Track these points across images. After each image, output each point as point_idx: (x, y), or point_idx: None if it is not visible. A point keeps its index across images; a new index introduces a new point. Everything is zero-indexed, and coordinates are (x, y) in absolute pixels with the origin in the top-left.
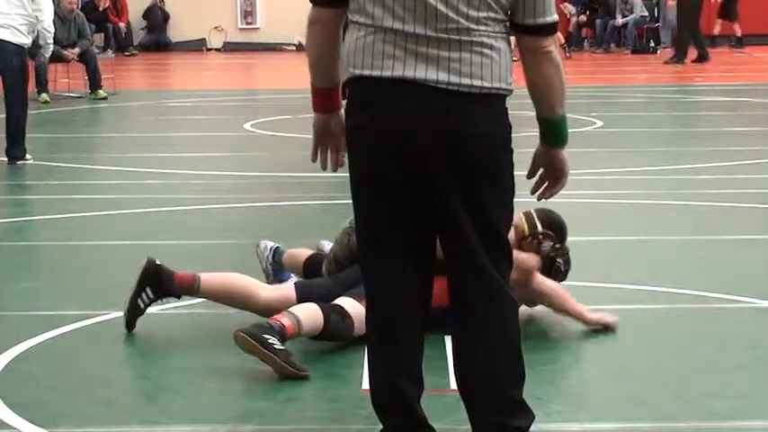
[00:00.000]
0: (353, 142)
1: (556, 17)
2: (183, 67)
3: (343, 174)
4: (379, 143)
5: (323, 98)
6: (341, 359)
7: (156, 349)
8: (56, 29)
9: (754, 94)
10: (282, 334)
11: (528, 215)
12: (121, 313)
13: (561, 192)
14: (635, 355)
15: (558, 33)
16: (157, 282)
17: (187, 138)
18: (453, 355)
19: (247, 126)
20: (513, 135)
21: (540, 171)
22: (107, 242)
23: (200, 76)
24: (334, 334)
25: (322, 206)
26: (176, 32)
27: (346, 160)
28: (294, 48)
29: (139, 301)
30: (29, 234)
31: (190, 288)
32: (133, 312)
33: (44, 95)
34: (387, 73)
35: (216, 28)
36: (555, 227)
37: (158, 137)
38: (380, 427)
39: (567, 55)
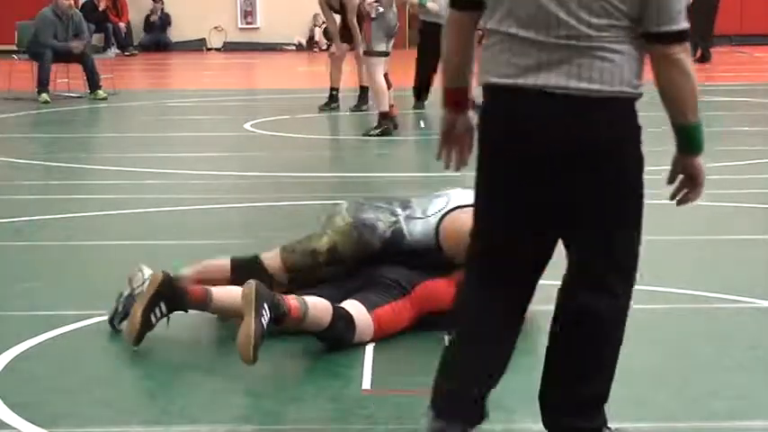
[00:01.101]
0: (480, 144)
1: (684, 25)
2: (183, 67)
3: (343, 174)
4: (501, 146)
5: (451, 97)
6: (342, 359)
7: (156, 349)
8: (54, 27)
9: (754, 94)
10: (283, 315)
11: None
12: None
13: None
14: (635, 355)
15: None
16: (171, 299)
17: (187, 138)
18: (552, 352)
19: (247, 126)
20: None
21: (680, 177)
22: (107, 242)
23: (200, 76)
24: (332, 337)
25: (322, 206)
26: (176, 32)
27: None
28: (294, 48)
29: (152, 315)
30: (29, 234)
31: (203, 305)
32: (145, 327)
33: (44, 95)
34: (509, 81)
35: (216, 28)
36: None
37: (158, 137)
38: (382, 426)
39: None
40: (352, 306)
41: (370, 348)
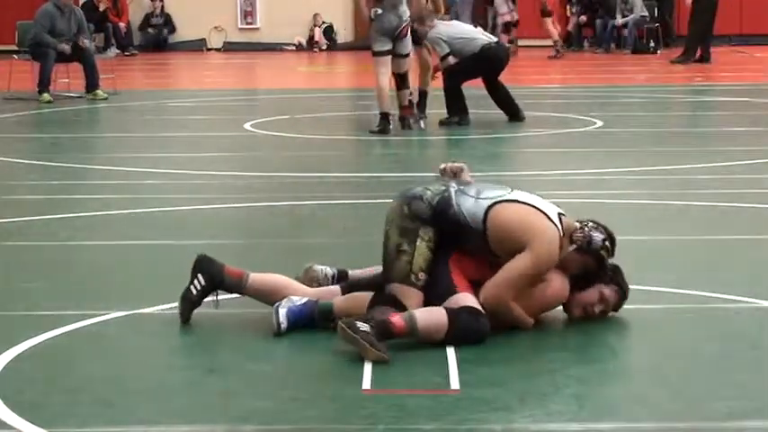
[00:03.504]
0: None
1: None
2: (183, 67)
3: (343, 174)
4: None
5: None
6: (342, 359)
7: (156, 349)
8: (54, 21)
9: (755, 94)
10: (383, 327)
11: (580, 220)
12: (122, 313)
13: (561, 192)
14: (635, 355)
15: (552, 29)
16: (209, 269)
17: (187, 138)
18: None
19: (247, 126)
20: (512, 135)
21: None
22: (107, 242)
23: (200, 76)
24: (462, 337)
25: (322, 206)
26: (176, 32)
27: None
28: (294, 48)
29: (192, 288)
30: (29, 234)
31: (239, 280)
32: (186, 299)
33: (46, 95)
34: None
35: (216, 28)
36: (608, 230)
37: (158, 137)
38: (382, 426)
39: (559, 54)
40: (458, 300)
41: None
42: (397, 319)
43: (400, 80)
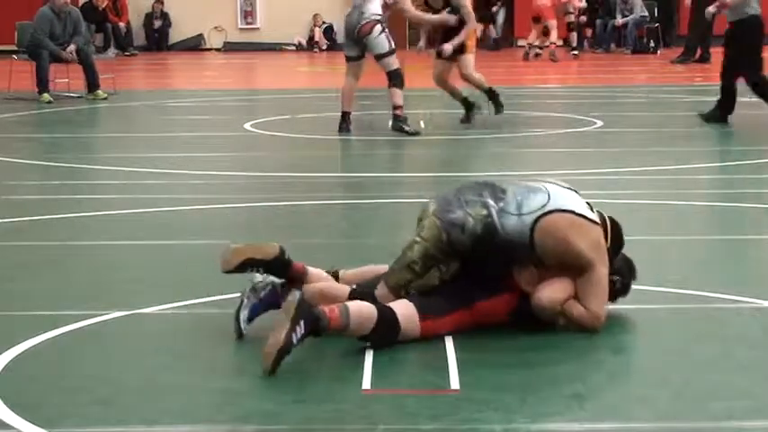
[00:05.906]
0: None
1: None
2: (183, 67)
3: (343, 174)
4: None
5: None
6: (342, 360)
7: (157, 349)
8: (52, 25)
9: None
10: (323, 328)
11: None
12: (122, 313)
13: None
14: (635, 355)
15: (534, 34)
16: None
17: (187, 138)
18: None
19: (247, 126)
20: (512, 135)
21: None
22: (107, 242)
23: (200, 76)
24: (374, 340)
25: (322, 206)
26: (176, 33)
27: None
28: (294, 48)
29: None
30: (29, 234)
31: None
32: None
33: (46, 95)
34: None
35: (216, 28)
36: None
37: (158, 137)
38: (382, 426)
39: (575, 53)
40: (404, 307)
41: (369, 348)
42: (335, 315)
43: (388, 78)
